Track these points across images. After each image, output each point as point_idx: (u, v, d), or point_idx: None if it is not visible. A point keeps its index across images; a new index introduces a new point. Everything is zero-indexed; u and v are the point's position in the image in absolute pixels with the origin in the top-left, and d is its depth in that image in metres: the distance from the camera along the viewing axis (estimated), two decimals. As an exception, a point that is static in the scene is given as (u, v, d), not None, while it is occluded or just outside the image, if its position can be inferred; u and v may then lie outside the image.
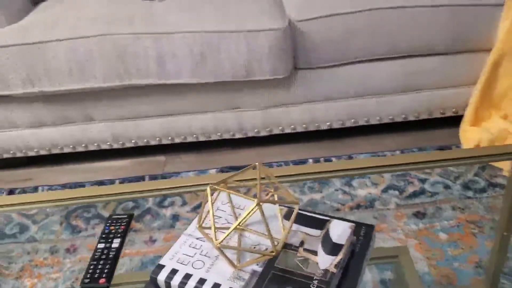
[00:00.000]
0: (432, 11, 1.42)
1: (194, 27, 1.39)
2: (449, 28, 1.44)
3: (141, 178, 1.58)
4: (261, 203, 0.60)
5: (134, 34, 1.39)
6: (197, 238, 0.70)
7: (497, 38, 1.45)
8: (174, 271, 0.65)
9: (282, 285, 0.61)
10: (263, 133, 1.62)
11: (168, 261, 0.67)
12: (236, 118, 1.58)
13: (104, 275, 0.75)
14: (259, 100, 1.54)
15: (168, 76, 1.43)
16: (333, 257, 0.65)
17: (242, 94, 1.52)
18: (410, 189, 1.44)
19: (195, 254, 0.67)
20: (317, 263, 0.64)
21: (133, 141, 1.61)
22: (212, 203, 0.67)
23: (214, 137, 1.62)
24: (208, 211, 0.69)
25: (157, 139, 1.61)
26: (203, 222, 0.69)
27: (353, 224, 0.70)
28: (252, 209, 0.60)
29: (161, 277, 0.65)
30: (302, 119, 1.58)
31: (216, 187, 0.65)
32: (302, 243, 0.68)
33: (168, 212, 1.37)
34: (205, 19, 1.40)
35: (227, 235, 0.61)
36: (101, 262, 0.77)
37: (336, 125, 1.61)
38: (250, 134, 1.62)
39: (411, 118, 1.61)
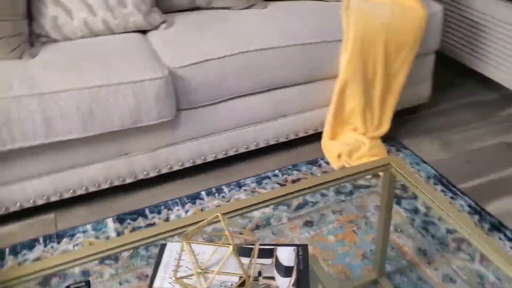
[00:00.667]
0: (288, 50, 1.66)
1: (79, 84, 1.42)
2: (303, 62, 1.70)
3: (35, 241, 1.53)
4: (235, 247, 0.73)
5: (15, 97, 1.36)
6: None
7: (340, 68, 1.75)
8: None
9: (258, 311, 0.74)
10: (153, 174, 1.70)
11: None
12: (126, 164, 1.63)
13: None
14: (147, 143, 1.62)
15: (56, 135, 1.43)
16: (289, 278, 0.80)
17: (130, 140, 1.58)
18: (295, 203, 1.67)
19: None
20: (277, 286, 0.79)
21: (18, 204, 1.55)
22: (180, 256, 0.77)
23: (104, 186, 1.65)
24: (178, 264, 0.78)
25: (45, 197, 1.58)
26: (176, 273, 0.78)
27: (295, 247, 0.86)
28: (230, 254, 0.72)
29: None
30: (189, 155, 1.70)
31: (187, 242, 0.75)
32: (260, 273, 0.81)
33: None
34: (88, 75, 1.44)
35: (212, 279, 0.72)
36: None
37: (220, 156, 1.76)
38: (140, 177, 1.68)
39: (282, 139, 1.84)
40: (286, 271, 0.81)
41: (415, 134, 1.99)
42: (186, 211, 1.64)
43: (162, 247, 0.88)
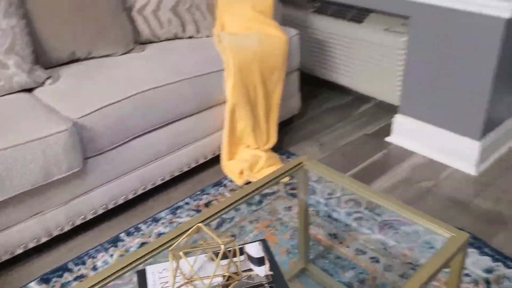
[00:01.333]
0: (179, 85, 1.80)
1: (-17, 149, 1.38)
2: (194, 94, 1.85)
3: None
4: (225, 246, 0.85)
5: None
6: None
7: (227, 94, 1.94)
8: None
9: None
10: (68, 228, 1.68)
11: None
12: (39, 223, 1.60)
13: None
14: (58, 198, 1.61)
15: (-34, 206, 1.37)
16: (263, 266, 0.94)
17: (41, 197, 1.56)
18: (213, 222, 1.79)
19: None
20: (257, 275, 0.92)
21: None
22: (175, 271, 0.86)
23: (18, 251, 1.59)
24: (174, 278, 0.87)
25: (-45, 277, 1.47)
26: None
27: (258, 241, 1.00)
28: (222, 251, 0.84)
29: None
30: (101, 201, 1.73)
31: (178, 254, 0.85)
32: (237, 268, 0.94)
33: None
34: (-10, 139, 1.41)
35: (211, 280, 0.83)
36: None
37: (131, 196, 1.81)
38: (55, 233, 1.66)
39: (186, 169, 1.96)
40: (259, 262, 0.95)
41: (296, 141, 2.26)
42: (111, 255, 1.65)
43: (142, 272, 0.95)
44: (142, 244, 1.70)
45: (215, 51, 1.96)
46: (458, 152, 2.00)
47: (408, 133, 2.16)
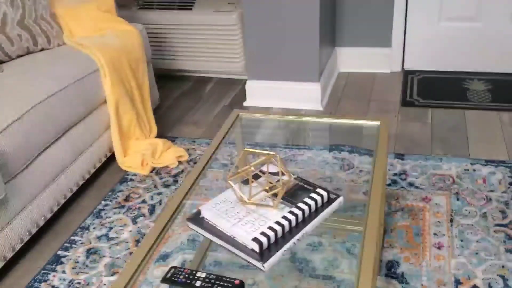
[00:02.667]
0: (66, 92, 1.78)
1: None
2: (80, 97, 1.85)
3: None
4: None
5: None
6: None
7: (107, 92, 1.98)
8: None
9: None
10: (1, 264, 1.54)
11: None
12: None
13: None
14: (-14, 234, 1.46)
15: None
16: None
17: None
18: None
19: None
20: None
21: None
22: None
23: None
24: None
25: None
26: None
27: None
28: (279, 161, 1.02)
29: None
30: (24, 228, 1.61)
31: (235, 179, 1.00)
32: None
33: None
34: None
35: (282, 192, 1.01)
36: None
37: (49, 215, 1.73)
38: (-12, 276, 1.50)
39: (87, 176, 1.94)
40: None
41: (171, 126, 2.40)
42: (63, 271, 1.58)
43: (197, 214, 1.07)
44: (89, 250, 1.66)
45: (81, 55, 1.97)
46: (305, 96, 2.45)
47: (260, 94, 2.52)
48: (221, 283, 0.92)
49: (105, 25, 2.16)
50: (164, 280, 0.96)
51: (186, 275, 0.95)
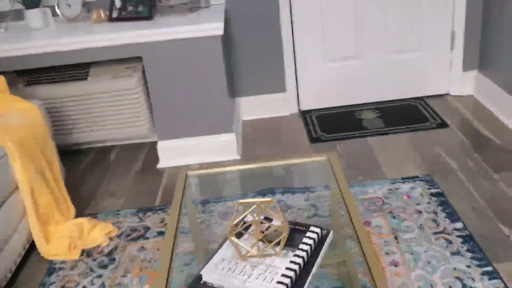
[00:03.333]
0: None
1: None
2: (-9, 187, 1.64)
3: None
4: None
5: None
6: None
7: (19, 176, 1.78)
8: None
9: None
10: None
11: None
12: None
13: None
14: None
15: None
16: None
17: None
18: None
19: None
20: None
21: None
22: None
23: None
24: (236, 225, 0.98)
25: None
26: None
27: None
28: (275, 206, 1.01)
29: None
30: None
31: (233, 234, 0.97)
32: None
33: None
34: None
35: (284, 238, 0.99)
36: None
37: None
38: None
39: (10, 275, 1.69)
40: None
41: (87, 202, 2.22)
42: None
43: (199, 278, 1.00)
44: None
45: (-18, 140, 1.76)
46: (221, 148, 2.46)
47: (174, 153, 2.47)
48: None
49: (1, 105, 1.96)
50: None
51: None
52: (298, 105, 2.95)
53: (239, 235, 1.11)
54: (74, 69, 2.49)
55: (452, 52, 2.82)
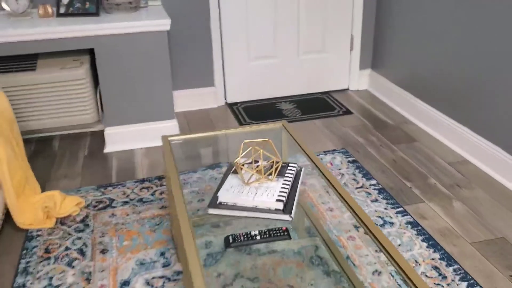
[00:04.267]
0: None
1: None
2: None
3: None
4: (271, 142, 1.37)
5: None
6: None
7: (-4, 152, 1.91)
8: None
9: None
10: None
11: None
12: None
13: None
14: None
15: None
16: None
17: None
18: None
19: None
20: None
21: None
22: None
23: None
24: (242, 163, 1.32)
25: None
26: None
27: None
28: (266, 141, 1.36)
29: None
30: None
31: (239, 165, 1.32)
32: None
33: None
34: None
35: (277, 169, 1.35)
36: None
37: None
38: None
39: (-3, 239, 1.82)
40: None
41: (43, 184, 2.35)
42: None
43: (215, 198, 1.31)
44: None
45: (-41, 118, 1.87)
46: (164, 133, 2.73)
47: (120, 139, 2.69)
48: (273, 232, 1.22)
49: (-35, 89, 2.06)
50: (229, 246, 1.20)
51: (244, 236, 1.21)
52: (225, 98, 3.31)
53: (239, 170, 1.45)
54: (24, 61, 2.60)
55: (351, 53, 3.40)
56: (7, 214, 2.07)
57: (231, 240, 1.20)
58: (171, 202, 1.65)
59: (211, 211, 1.34)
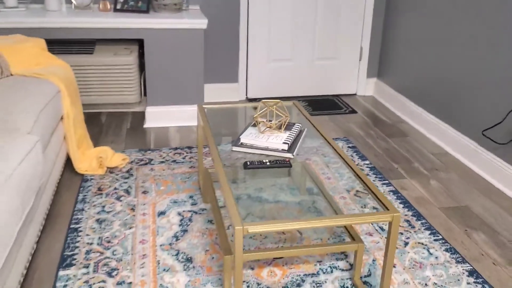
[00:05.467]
0: (48, 108, 2.20)
1: None
2: (54, 111, 2.27)
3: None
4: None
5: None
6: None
7: (66, 110, 2.42)
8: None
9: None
10: None
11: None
12: None
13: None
14: None
15: None
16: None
17: None
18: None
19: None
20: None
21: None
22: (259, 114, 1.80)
23: None
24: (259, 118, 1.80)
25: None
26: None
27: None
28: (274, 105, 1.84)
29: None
30: None
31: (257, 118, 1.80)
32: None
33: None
34: None
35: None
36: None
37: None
38: None
39: (57, 181, 2.31)
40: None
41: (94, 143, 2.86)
42: (90, 235, 1.99)
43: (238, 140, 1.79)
44: (98, 220, 2.09)
45: (41, 81, 2.38)
46: (189, 116, 3.23)
47: (158, 117, 3.19)
48: (279, 161, 1.69)
49: (42, 60, 2.58)
50: (247, 167, 1.67)
51: (258, 162, 1.68)
52: (246, 94, 3.81)
53: (257, 123, 1.92)
54: (84, 45, 3.14)
55: (360, 63, 3.89)
56: (67, 161, 2.57)
57: (248, 164, 1.67)
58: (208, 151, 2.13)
59: (235, 148, 1.81)
